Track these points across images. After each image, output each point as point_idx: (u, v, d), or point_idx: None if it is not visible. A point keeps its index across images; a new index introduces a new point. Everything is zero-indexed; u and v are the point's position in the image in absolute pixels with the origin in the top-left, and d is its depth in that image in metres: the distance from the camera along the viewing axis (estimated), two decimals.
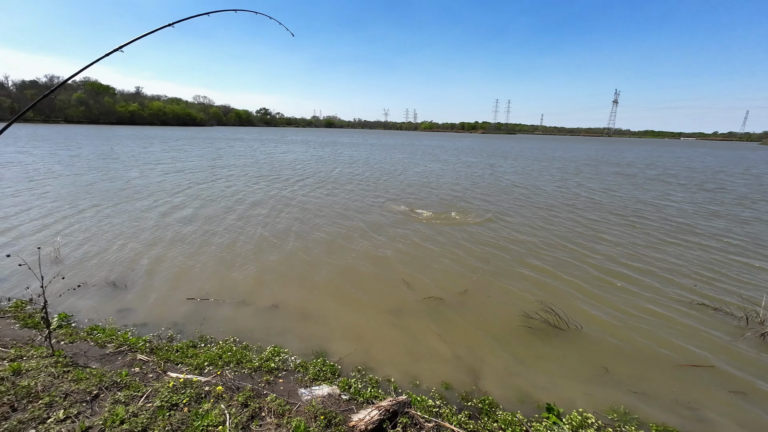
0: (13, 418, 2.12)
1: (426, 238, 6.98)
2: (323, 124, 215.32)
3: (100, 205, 8.69)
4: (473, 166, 21.07)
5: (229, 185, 12.20)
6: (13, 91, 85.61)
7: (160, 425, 2.10)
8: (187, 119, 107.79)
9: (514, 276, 5.40)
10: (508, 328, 4.05)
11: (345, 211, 9.02)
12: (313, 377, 3.00)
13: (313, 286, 4.92)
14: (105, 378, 2.57)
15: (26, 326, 3.52)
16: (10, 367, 2.59)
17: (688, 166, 24.56)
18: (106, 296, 4.40)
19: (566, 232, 7.69)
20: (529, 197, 11.49)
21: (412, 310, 4.38)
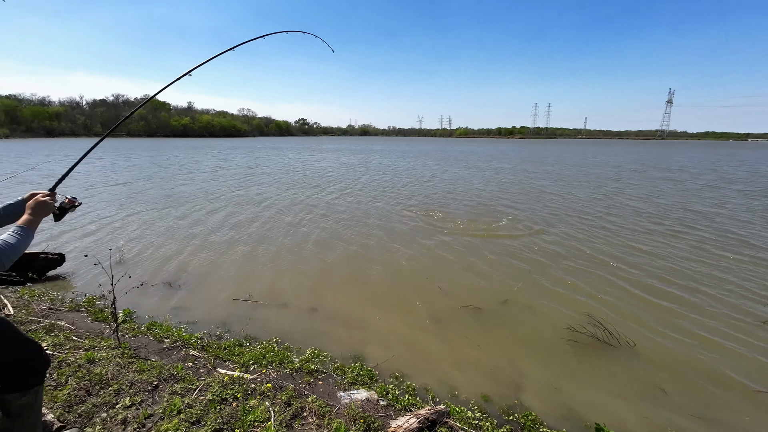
0: (88, 401, 2.36)
1: (458, 247, 6.87)
2: (358, 133, 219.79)
3: (154, 210, 9.47)
4: (505, 172, 20.42)
5: (272, 192, 12.78)
6: (86, 109, 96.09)
7: (212, 417, 2.24)
8: (233, 131, 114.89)
9: (556, 288, 5.16)
10: (552, 342, 3.87)
11: (375, 219, 9.12)
12: (351, 381, 3.05)
13: (350, 291, 5.01)
14: (163, 370, 2.79)
15: (97, 320, 3.91)
16: (85, 356, 2.89)
17: (752, 170, 22.11)
18: (162, 295, 4.78)
19: (605, 242, 7.22)
20: (563, 204, 10.93)
21: (450, 318, 4.32)
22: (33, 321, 3.62)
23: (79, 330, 3.56)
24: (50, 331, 3.41)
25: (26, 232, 1.55)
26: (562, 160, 29.73)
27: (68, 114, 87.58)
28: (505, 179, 17.05)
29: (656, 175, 19.27)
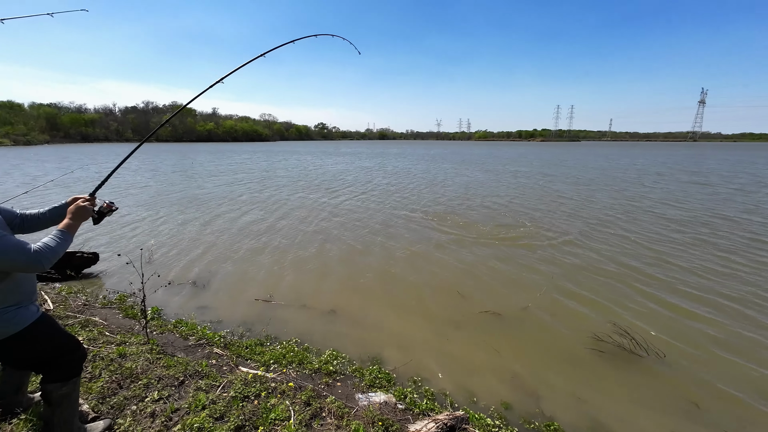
0: (120, 394, 2.47)
1: (476, 252, 6.77)
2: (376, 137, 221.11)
3: (179, 212, 9.83)
4: (522, 175, 19.94)
5: (288, 196, 13.02)
6: (119, 116, 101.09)
7: (235, 414, 2.30)
8: (254, 135, 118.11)
9: (578, 295, 5.00)
10: (575, 350, 3.75)
11: (391, 223, 9.12)
12: (369, 384, 3.06)
13: (369, 294, 5.03)
14: (189, 367, 2.89)
15: (127, 316, 4.09)
16: (116, 351, 3.04)
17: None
18: (187, 294, 4.95)
19: (628, 249, 6.94)
20: (583, 210, 10.58)
21: (468, 323, 4.26)
22: (70, 316, 3.84)
23: (111, 326, 3.74)
24: (85, 326, 3.59)
25: (66, 236, 1.66)
26: (583, 164, 28.80)
27: (102, 121, 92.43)
28: (523, 183, 16.67)
29: (684, 178, 18.36)
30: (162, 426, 2.18)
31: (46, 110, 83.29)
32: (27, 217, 1.86)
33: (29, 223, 1.87)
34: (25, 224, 1.85)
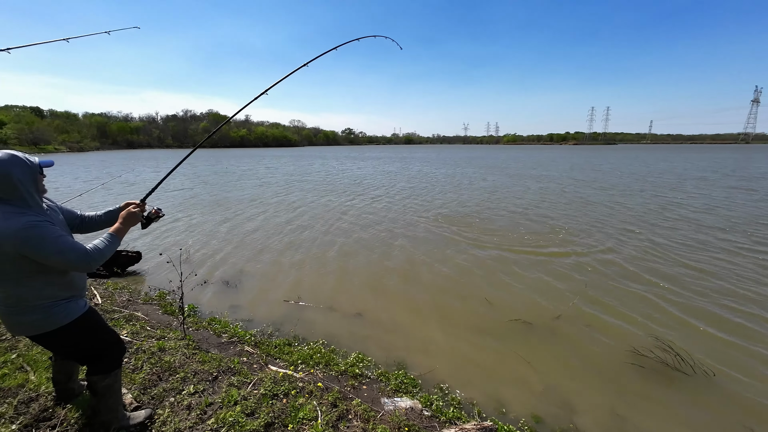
0: (159, 385, 2.61)
1: (502, 259, 6.59)
2: (402, 141, 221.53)
3: (215, 214, 10.29)
4: (550, 180, 19.18)
5: (315, 198, 13.29)
6: (160, 123, 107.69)
7: (265, 411, 2.37)
8: (284, 141, 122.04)
9: (615, 306, 4.74)
10: (613, 364, 3.55)
11: (415, 227, 9.06)
12: (395, 388, 3.05)
13: (394, 298, 5.03)
14: (222, 363, 3.00)
15: (166, 312, 4.33)
16: (156, 345, 3.22)
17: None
18: (221, 293, 5.16)
19: (666, 259, 6.48)
20: (614, 216, 10.01)
21: (496, 331, 4.15)
22: (115, 311, 4.11)
23: (152, 321, 3.96)
24: (129, 320, 3.83)
25: (114, 240, 1.79)
26: (616, 168, 27.19)
27: (146, 128, 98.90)
28: (549, 188, 15.98)
29: (728, 184, 16.95)
30: (197, 419, 2.28)
31: (97, 119, 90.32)
32: (85, 218, 2.03)
33: (87, 224, 2.03)
34: (83, 225, 2.03)
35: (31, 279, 1.67)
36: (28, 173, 1.64)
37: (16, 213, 1.59)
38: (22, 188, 1.62)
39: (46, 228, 1.60)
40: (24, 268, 1.63)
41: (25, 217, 1.59)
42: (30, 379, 2.54)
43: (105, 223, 2.06)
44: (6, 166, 1.58)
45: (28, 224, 1.56)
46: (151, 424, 2.20)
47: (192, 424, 2.23)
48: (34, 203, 1.67)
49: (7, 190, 1.59)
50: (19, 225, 1.55)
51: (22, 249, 1.55)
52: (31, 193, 1.66)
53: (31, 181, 1.66)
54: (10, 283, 1.66)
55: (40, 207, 1.70)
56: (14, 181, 1.59)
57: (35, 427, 2.10)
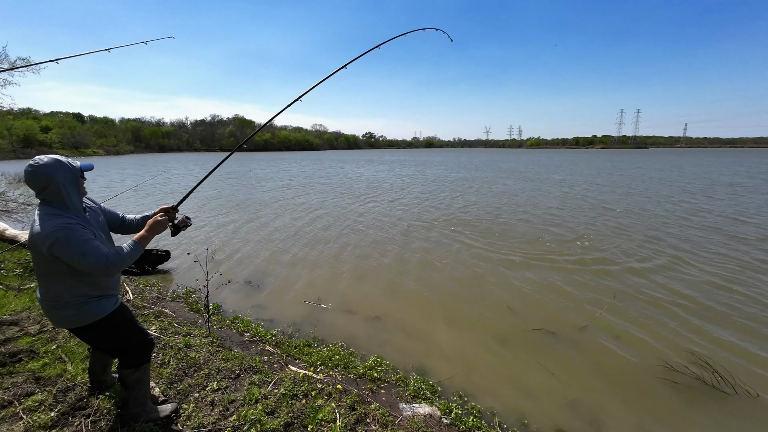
0: (185, 381, 2.70)
1: (522, 266, 6.41)
2: (423, 145, 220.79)
3: (238, 215, 10.59)
4: (570, 184, 18.50)
5: (332, 200, 13.43)
6: (190, 128, 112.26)
7: (285, 410, 2.40)
8: (306, 144, 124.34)
9: (645, 318, 4.51)
10: (644, 379, 3.38)
11: (430, 232, 8.97)
12: (413, 394, 3.02)
13: (412, 302, 4.99)
14: (244, 362, 3.07)
15: (192, 310, 4.48)
16: (183, 341, 3.33)
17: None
18: (243, 293, 5.29)
19: (697, 270, 6.10)
20: (638, 223, 9.52)
21: (518, 340, 4.04)
22: (146, 307, 4.29)
23: (179, 318, 4.11)
24: (158, 316, 3.99)
25: (136, 247, 1.85)
26: (643, 173, 25.88)
27: (176, 133, 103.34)
28: (572, 193, 15.47)
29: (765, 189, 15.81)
30: (220, 415, 2.34)
31: (132, 124, 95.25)
32: (126, 221, 2.15)
33: (126, 226, 2.15)
34: (123, 227, 2.14)
35: (64, 277, 1.76)
36: (70, 177, 1.75)
37: (54, 215, 1.69)
38: (64, 191, 1.72)
39: (75, 231, 1.66)
40: (57, 267, 1.72)
41: (59, 219, 1.67)
42: (68, 370, 2.69)
43: (140, 227, 2.17)
44: (50, 170, 1.68)
45: (59, 227, 1.64)
46: (176, 418, 2.27)
47: (215, 420, 2.29)
48: (73, 206, 1.77)
49: (50, 192, 1.70)
50: (51, 227, 1.64)
51: (51, 249, 1.64)
52: (71, 196, 1.76)
53: (72, 185, 1.76)
54: (47, 279, 1.78)
55: (77, 209, 1.79)
56: (57, 184, 1.69)
57: (71, 415, 2.22)
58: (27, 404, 2.27)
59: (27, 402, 2.29)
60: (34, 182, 1.69)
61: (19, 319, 3.54)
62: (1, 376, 2.56)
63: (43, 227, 1.64)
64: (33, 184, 1.70)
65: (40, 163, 1.68)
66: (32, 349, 2.98)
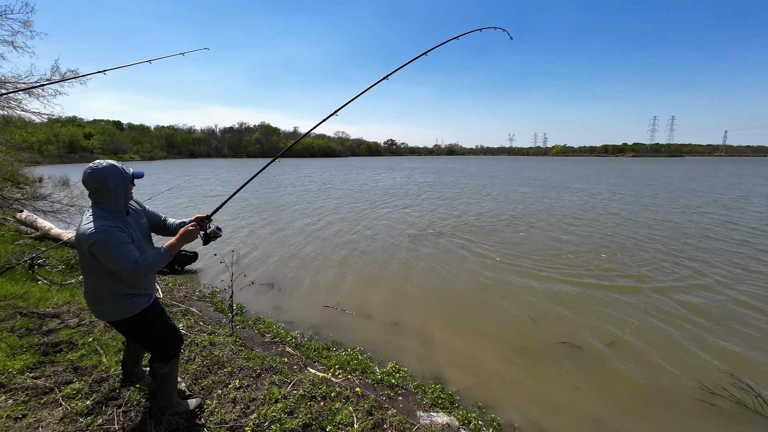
0: (209, 377, 2.79)
1: (543, 276, 6.21)
2: (444, 152, 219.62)
3: (262, 218, 10.87)
4: (590, 193, 17.78)
5: (354, 207, 13.55)
6: (219, 135, 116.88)
7: (303, 411, 2.43)
8: (329, 151, 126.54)
9: (679, 334, 4.27)
10: (677, 399, 3.19)
11: (450, 240, 8.86)
12: (431, 402, 2.98)
13: (432, 310, 4.95)
14: (265, 362, 3.14)
15: (217, 310, 4.63)
16: (208, 339, 3.44)
17: None
18: (265, 294, 5.42)
19: (742, 282, 5.68)
20: (668, 235, 8.99)
21: (541, 353, 3.91)
22: (174, 305, 4.47)
23: (204, 317, 4.26)
24: (185, 314, 4.15)
25: (165, 254, 1.96)
26: (672, 183, 24.53)
27: (206, 139, 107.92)
28: (591, 202, 14.89)
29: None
30: (241, 412, 2.40)
31: (166, 131, 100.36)
32: (166, 224, 2.29)
33: (166, 229, 2.29)
34: (163, 229, 2.29)
35: (103, 275, 1.89)
36: (122, 182, 1.90)
37: (99, 216, 1.82)
38: (114, 194, 1.87)
39: (113, 234, 1.78)
40: (97, 265, 1.85)
41: (102, 221, 1.80)
42: (102, 361, 2.84)
43: (176, 232, 2.30)
44: (106, 174, 1.83)
45: (100, 229, 1.77)
46: (200, 413, 2.35)
47: (236, 417, 2.35)
48: (117, 209, 1.91)
49: (101, 194, 1.85)
50: (95, 228, 1.77)
51: (91, 249, 1.77)
52: (119, 199, 1.90)
53: (122, 189, 1.91)
54: (89, 275, 1.93)
55: (120, 213, 1.94)
56: (109, 187, 1.84)
57: (105, 405, 2.34)
58: (66, 392, 2.42)
59: (66, 390, 2.44)
60: (90, 183, 1.84)
61: (60, 312, 3.78)
62: (44, 364, 2.74)
63: (87, 227, 1.78)
64: (89, 185, 1.85)
65: (99, 167, 1.84)
66: (71, 340, 3.17)
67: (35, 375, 2.59)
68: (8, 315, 3.53)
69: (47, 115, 6.60)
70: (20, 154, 7.76)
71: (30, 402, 2.32)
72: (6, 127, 6.66)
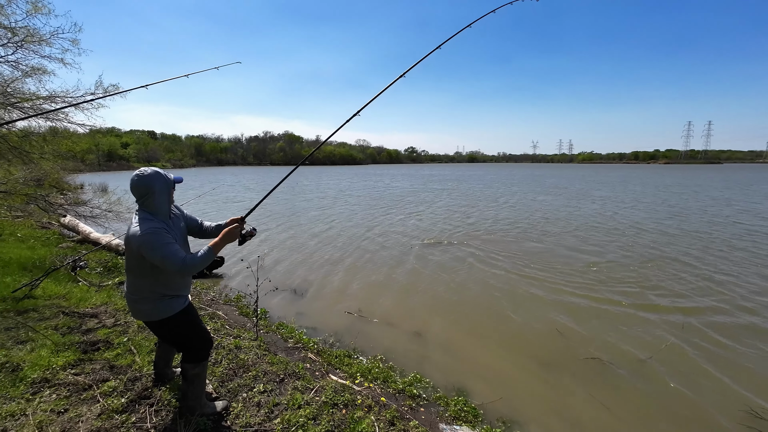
0: (234, 380, 2.86)
1: (570, 287, 5.98)
2: (465, 160, 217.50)
3: (286, 224, 11.11)
4: (613, 201, 16.99)
5: (367, 212, 13.59)
6: (244, 144, 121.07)
7: (326, 419, 2.44)
8: (350, 159, 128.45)
9: (721, 353, 3.99)
10: (720, 424, 2.97)
11: (472, 249, 8.70)
12: (454, 415, 2.92)
13: (455, 320, 4.87)
14: (288, 367, 3.18)
15: (242, 314, 4.75)
16: (233, 343, 3.53)
17: None
18: (288, 300, 5.51)
19: None
20: (694, 246, 8.42)
21: (568, 368, 3.76)
22: (201, 308, 4.62)
23: (230, 320, 4.38)
24: (212, 318, 4.28)
25: (210, 253, 2.06)
26: (703, 191, 23.14)
27: (233, 148, 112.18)
28: (621, 213, 14.23)
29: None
30: (265, 416, 2.44)
31: (195, 140, 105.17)
32: (203, 227, 2.40)
33: (203, 232, 2.41)
34: (200, 232, 2.40)
35: (147, 275, 2.02)
36: (165, 187, 2.03)
37: (147, 219, 1.96)
38: (158, 199, 2.00)
39: (161, 235, 1.92)
40: (143, 265, 1.98)
41: (151, 223, 1.94)
42: (136, 361, 2.97)
43: (213, 234, 2.41)
44: (152, 181, 1.97)
45: (150, 230, 1.90)
46: (226, 415, 2.41)
47: (260, 421, 2.39)
48: (162, 212, 2.04)
49: (147, 199, 1.98)
50: (144, 229, 1.90)
51: (140, 249, 1.90)
52: (163, 203, 2.03)
53: (165, 194, 2.03)
54: (133, 275, 2.05)
55: (165, 215, 2.07)
56: (154, 193, 1.97)
57: (138, 403, 2.44)
58: (103, 389, 2.54)
59: (103, 387, 2.57)
60: (137, 189, 1.97)
61: (98, 312, 3.99)
62: (84, 362, 2.90)
63: (137, 229, 1.92)
64: (136, 191, 1.98)
65: (144, 174, 1.98)
66: (108, 339, 3.34)
67: (76, 372, 2.75)
68: (52, 314, 3.77)
69: (90, 126, 7.07)
70: (65, 162, 8.33)
71: (71, 397, 2.45)
72: (54, 138, 7.18)
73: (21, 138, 6.57)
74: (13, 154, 6.44)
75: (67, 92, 6.17)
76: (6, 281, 4.40)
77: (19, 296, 4.04)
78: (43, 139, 6.94)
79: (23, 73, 5.91)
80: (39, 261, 5.54)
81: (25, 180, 6.91)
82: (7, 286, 4.23)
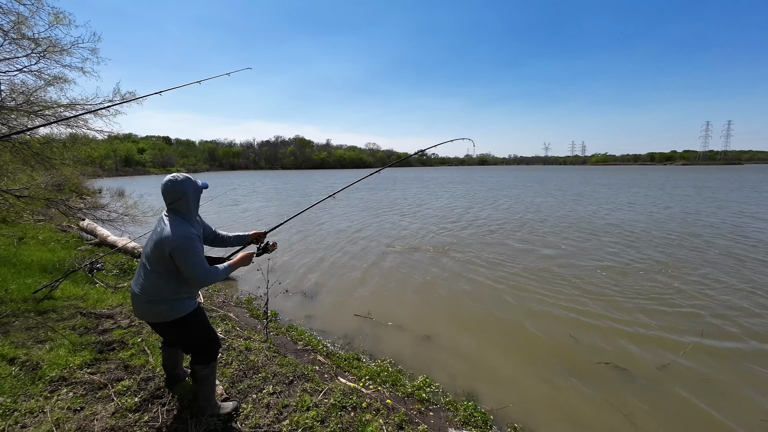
0: (245, 382, 2.88)
1: (580, 290, 5.85)
2: (476, 162, 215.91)
3: (296, 228, 11.19)
4: (617, 207, 16.55)
5: (374, 218, 13.59)
6: (256, 148, 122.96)
7: (334, 421, 2.44)
8: (360, 162, 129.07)
9: (740, 359, 3.84)
10: None
11: (485, 253, 8.60)
12: (463, 420, 2.88)
13: (467, 324, 4.82)
14: (297, 369, 3.19)
15: (252, 316, 4.80)
16: (244, 344, 3.57)
17: None
18: (298, 302, 5.54)
19: None
20: (710, 250, 8.12)
21: (582, 373, 3.67)
22: (213, 310, 4.69)
23: (240, 322, 4.43)
24: (223, 319, 4.34)
25: (227, 270, 2.16)
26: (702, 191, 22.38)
27: (245, 153, 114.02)
28: (634, 217, 13.88)
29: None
30: (274, 418, 2.45)
31: (209, 146, 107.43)
32: (218, 236, 2.45)
33: (218, 241, 2.46)
34: (215, 241, 2.46)
35: (170, 277, 2.03)
36: (196, 193, 2.11)
37: (182, 223, 2.01)
38: (191, 204, 2.07)
39: (196, 243, 1.98)
40: (169, 267, 2.01)
41: (187, 227, 2.00)
42: (149, 361, 3.03)
43: (232, 243, 2.46)
44: (185, 186, 2.03)
45: (188, 235, 1.96)
46: (236, 416, 2.43)
47: (270, 422, 2.40)
48: (193, 217, 2.10)
49: (180, 203, 2.04)
50: (181, 233, 1.94)
51: (172, 252, 1.93)
52: (193, 209, 2.10)
53: (196, 199, 2.10)
54: (156, 275, 2.04)
55: (196, 221, 2.14)
56: (188, 197, 2.03)
57: (151, 402, 2.48)
58: (117, 388, 2.60)
59: (117, 386, 2.62)
60: (170, 194, 2.02)
61: (114, 313, 4.09)
62: (99, 361, 2.97)
63: (173, 231, 1.95)
64: (169, 195, 2.03)
65: (178, 179, 2.04)
66: (123, 340, 3.41)
67: (92, 371, 2.81)
68: (70, 314, 3.88)
69: (108, 132, 7.28)
70: (85, 168, 8.60)
71: (87, 396, 2.51)
72: (74, 144, 7.41)
73: (43, 144, 6.80)
74: (36, 160, 6.67)
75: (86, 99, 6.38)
76: (27, 282, 4.55)
77: (40, 297, 4.17)
78: (63, 146, 7.17)
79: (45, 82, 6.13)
80: (59, 263, 5.71)
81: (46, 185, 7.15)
82: (28, 287, 4.38)
